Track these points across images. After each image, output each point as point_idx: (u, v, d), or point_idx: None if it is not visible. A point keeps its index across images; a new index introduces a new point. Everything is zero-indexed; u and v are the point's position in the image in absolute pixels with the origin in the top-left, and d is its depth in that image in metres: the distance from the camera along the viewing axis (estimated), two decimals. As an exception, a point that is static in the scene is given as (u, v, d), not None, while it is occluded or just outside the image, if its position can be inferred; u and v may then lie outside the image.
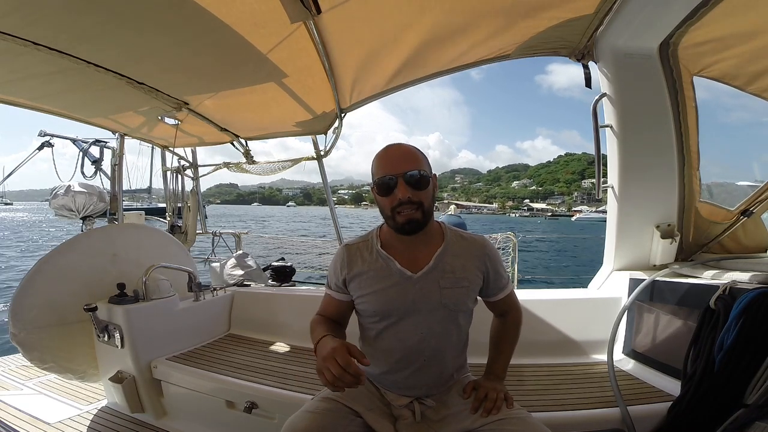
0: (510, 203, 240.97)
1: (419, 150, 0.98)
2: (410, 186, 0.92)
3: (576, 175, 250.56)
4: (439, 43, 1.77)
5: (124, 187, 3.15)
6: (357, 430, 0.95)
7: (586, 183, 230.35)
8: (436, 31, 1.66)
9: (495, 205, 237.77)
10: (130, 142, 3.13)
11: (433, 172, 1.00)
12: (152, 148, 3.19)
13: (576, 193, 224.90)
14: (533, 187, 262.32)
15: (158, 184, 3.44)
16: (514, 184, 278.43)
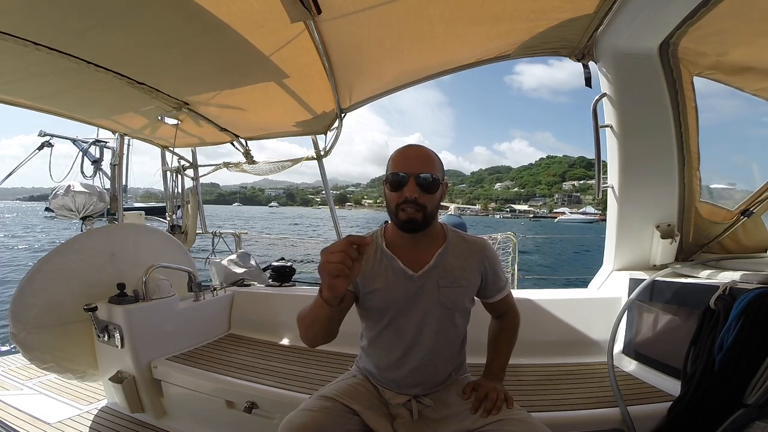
0: (493, 205, 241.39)
1: (437, 155, 1.01)
2: (420, 187, 0.94)
3: (557, 177, 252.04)
4: (439, 44, 1.77)
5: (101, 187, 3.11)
6: (354, 429, 0.95)
7: (567, 185, 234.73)
8: (436, 33, 1.66)
9: (478, 207, 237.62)
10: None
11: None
12: (128, 144, 3.16)
13: (557, 195, 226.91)
14: (515, 189, 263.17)
15: (134, 183, 3.44)
16: (497, 185, 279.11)
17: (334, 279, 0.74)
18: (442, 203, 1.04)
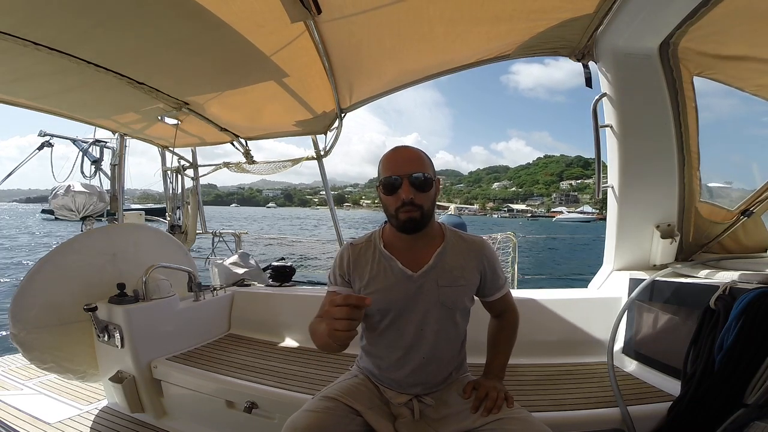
0: (491, 204, 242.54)
1: (425, 153, 1.02)
2: (414, 187, 0.95)
3: (554, 176, 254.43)
4: (439, 44, 1.77)
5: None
6: (357, 429, 0.96)
7: (564, 184, 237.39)
8: (436, 33, 1.66)
9: (476, 207, 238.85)
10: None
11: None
12: (126, 145, 3.17)
13: (555, 195, 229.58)
14: (513, 189, 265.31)
15: (131, 184, 3.43)
16: (495, 185, 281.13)
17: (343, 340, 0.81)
18: (441, 203, 1.05)
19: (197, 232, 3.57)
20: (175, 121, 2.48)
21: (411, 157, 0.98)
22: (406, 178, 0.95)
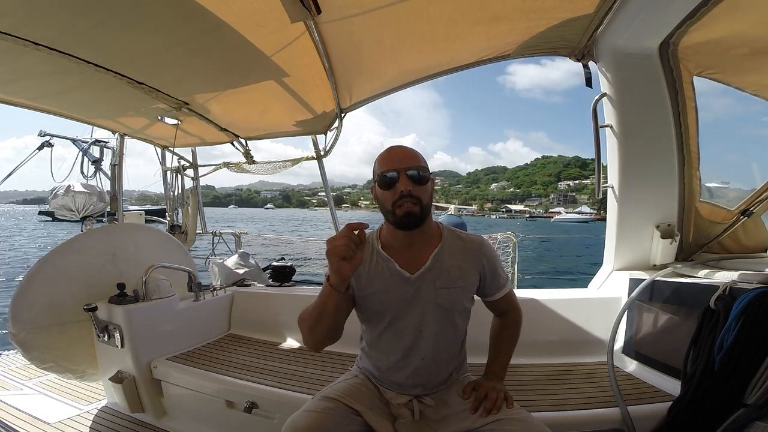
0: (489, 205, 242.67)
1: (419, 152, 1.02)
2: (411, 180, 0.95)
3: (552, 177, 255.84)
4: (439, 44, 1.77)
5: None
6: (357, 430, 0.96)
7: (563, 185, 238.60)
8: (436, 33, 1.66)
9: (474, 207, 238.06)
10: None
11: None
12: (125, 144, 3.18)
13: (553, 195, 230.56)
14: (511, 189, 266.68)
15: (128, 185, 3.44)
16: (493, 186, 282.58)
17: (340, 261, 0.82)
18: (440, 204, 1.04)
19: (197, 232, 3.57)
20: (175, 121, 2.48)
21: (406, 154, 0.99)
22: (403, 173, 0.95)
